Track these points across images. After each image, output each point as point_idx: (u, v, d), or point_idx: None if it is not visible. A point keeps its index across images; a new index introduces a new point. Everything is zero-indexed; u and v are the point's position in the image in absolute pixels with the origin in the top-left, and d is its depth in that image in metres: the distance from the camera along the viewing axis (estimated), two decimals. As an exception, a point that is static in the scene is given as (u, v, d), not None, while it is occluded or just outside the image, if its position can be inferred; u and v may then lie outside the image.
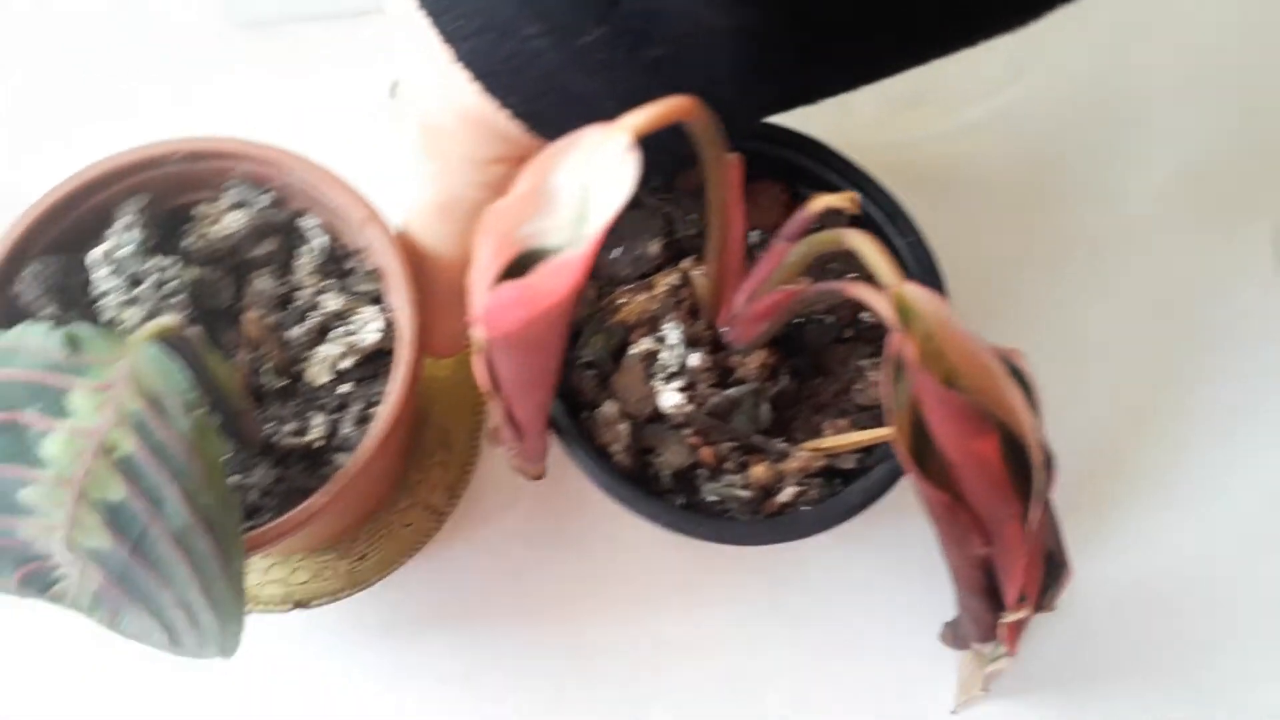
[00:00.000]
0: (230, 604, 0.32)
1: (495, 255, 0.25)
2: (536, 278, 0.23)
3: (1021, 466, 0.28)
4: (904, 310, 0.27)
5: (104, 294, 0.36)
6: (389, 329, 0.38)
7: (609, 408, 0.38)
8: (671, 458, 0.38)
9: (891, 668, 0.45)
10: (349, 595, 0.44)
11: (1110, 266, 0.52)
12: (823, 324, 0.41)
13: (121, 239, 0.36)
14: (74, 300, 0.36)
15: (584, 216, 0.23)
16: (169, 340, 0.28)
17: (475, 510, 0.47)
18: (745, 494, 0.37)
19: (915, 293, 0.27)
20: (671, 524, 0.37)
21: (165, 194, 0.38)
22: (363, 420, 0.37)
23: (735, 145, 0.30)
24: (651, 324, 0.39)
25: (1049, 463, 0.29)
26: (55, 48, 0.53)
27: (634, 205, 0.42)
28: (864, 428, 0.39)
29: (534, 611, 0.45)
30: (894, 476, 0.37)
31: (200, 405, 0.28)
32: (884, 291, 0.28)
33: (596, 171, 0.23)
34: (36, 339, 0.28)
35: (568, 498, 0.46)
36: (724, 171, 0.31)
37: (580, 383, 0.39)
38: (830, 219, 0.39)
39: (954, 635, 0.43)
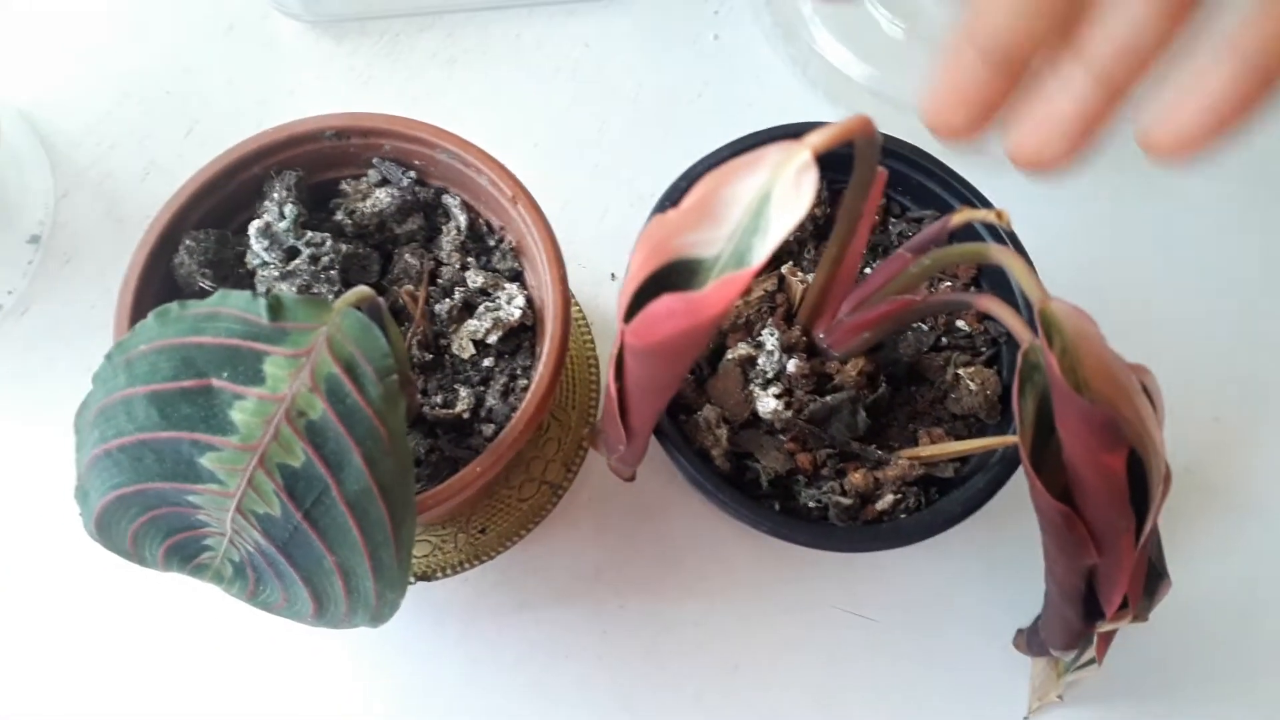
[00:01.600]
0: (394, 570, 0.32)
1: (645, 261, 0.25)
2: (709, 289, 0.23)
3: (1140, 480, 0.28)
4: (1048, 325, 0.27)
5: (259, 266, 0.37)
6: (529, 305, 0.38)
7: (708, 411, 0.39)
8: (771, 463, 0.38)
9: (964, 673, 0.45)
10: (470, 568, 0.45)
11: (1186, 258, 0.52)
12: (919, 332, 0.41)
13: (278, 213, 0.36)
14: (228, 272, 0.37)
15: (757, 229, 0.24)
16: (364, 308, 0.29)
17: (586, 487, 0.47)
18: (845, 501, 0.38)
19: (1060, 308, 0.27)
20: (772, 529, 0.37)
21: (313, 170, 0.39)
22: (506, 393, 0.38)
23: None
24: (746, 328, 0.40)
25: (1168, 476, 0.29)
26: (161, 53, 0.54)
27: None
28: (959, 436, 0.40)
29: (621, 603, 0.46)
30: (994, 487, 0.38)
31: (393, 370, 0.29)
32: (1001, 305, 0.28)
33: (777, 188, 0.23)
34: (239, 305, 0.28)
35: (657, 492, 0.47)
36: (871, 185, 0.32)
37: (679, 387, 0.40)
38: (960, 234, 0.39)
39: (1030, 642, 0.43)
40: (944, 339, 0.41)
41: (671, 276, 0.25)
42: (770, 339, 0.38)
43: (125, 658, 0.44)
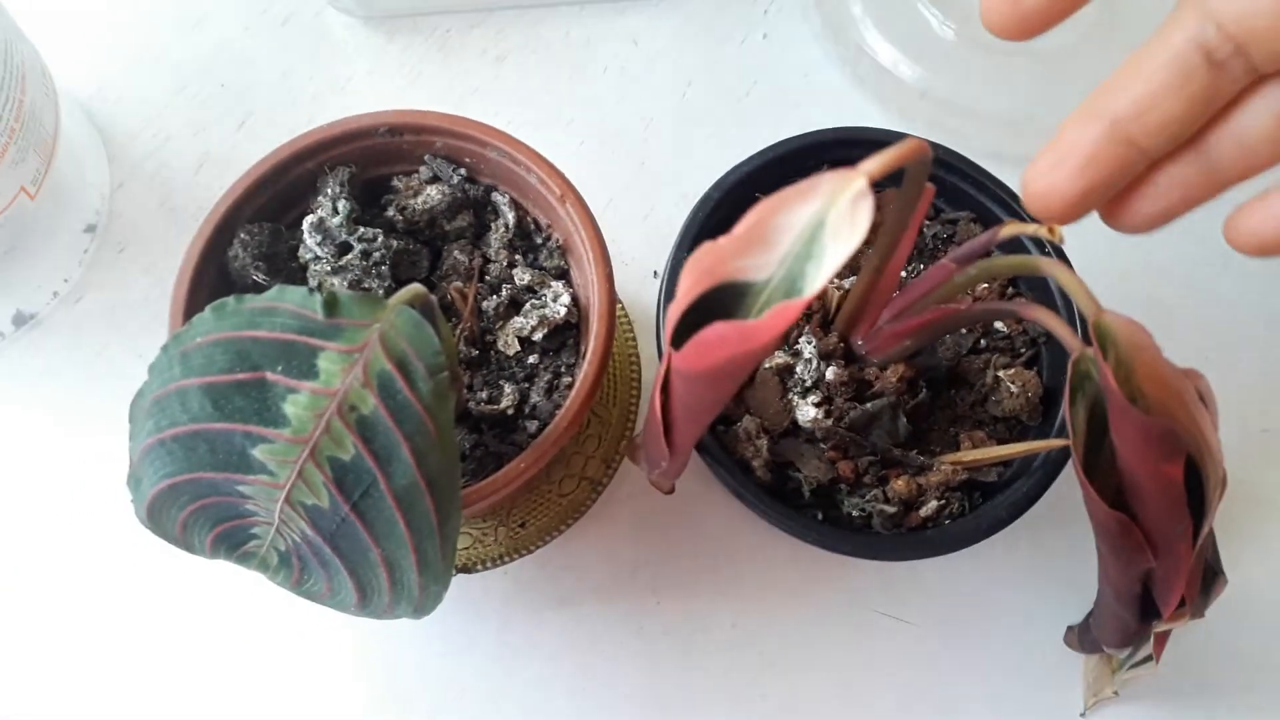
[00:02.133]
0: (438, 563, 0.33)
1: (694, 285, 0.25)
2: (764, 319, 0.23)
3: (1197, 484, 0.28)
4: (1102, 337, 0.27)
5: (311, 260, 0.37)
6: (574, 303, 0.39)
7: (748, 422, 0.38)
8: (812, 472, 0.38)
9: (1007, 678, 0.45)
10: (510, 561, 0.45)
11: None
12: (958, 335, 0.41)
13: (331, 208, 0.37)
14: (281, 266, 0.38)
15: (810, 256, 0.23)
16: (417, 306, 0.29)
17: (625, 484, 0.48)
18: (889, 509, 0.37)
19: (1114, 320, 0.27)
20: (817, 540, 0.37)
21: (366, 165, 0.39)
22: (550, 390, 0.38)
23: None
24: (783, 336, 0.39)
25: (1224, 481, 0.29)
26: (217, 47, 0.55)
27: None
28: (1001, 439, 0.39)
29: (658, 600, 0.46)
30: (1038, 491, 0.37)
31: (444, 368, 0.29)
32: (1051, 315, 0.28)
33: (831, 214, 0.23)
34: (295, 301, 0.29)
35: (695, 491, 0.47)
36: (919, 199, 0.31)
37: None
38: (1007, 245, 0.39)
39: (1081, 639, 0.43)
40: (983, 341, 0.41)
41: (720, 299, 0.25)
42: (808, 347, 0.38)
43: (166, 642, 0.45)
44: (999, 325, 0.41)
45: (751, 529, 0.46)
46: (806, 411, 0.38)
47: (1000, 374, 0.39)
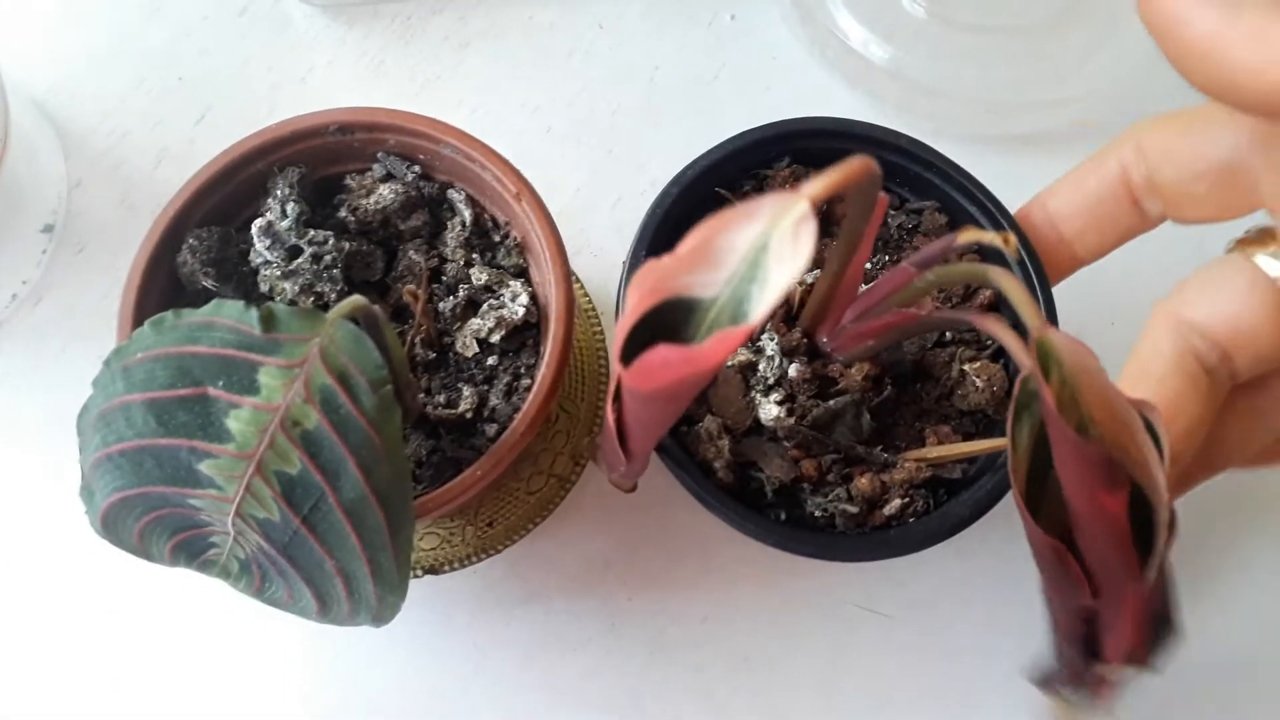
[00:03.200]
0: (393, 575, 0.32)
1: (640, 302, 0.24)
2: (707, 345, 0.23)
3: (1144, 523, 0.27)
4: (1044, 356, 0.26)
5: (262, 265, 0.36)
6: (533, 303, 0.38)
7: (709, 423, 0.38)
8: (775, 472, 0.37)
9: (985, 664, 0.45)
10: (478, 561, 0.45)
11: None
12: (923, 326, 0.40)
13: (280, 212, 0.36)
14: (231, 271, 0.37)
15: (754, 279, 0.23)
16: (358, 317, 0.29)
17: (594, 480, 0.47)
18: (851, 509, 0.37)
19: (1058, 339, 0.26)
20: (777, 542, 0.37)
21: (317, 166, 0.38)
22: (509, 392, 0.38)
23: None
24: (756, 349, 0.39)
25: (1173, 522, 0.27)
26: (174, 39, 0.54)
27: (720, 203, 0.42)
28: (968, 434, 0.39)
29: (629, 595, 0.46)
30: (1002, 488, 0.37)
31: (387, 382, 0.28)
32: (1004, 330, 0.27)
33: (773, 237, 0.23)
34: (232, 316, 0.28)
35: (665, 485, 0.46)
36: (871, 212, 0.31)
37: None
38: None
39: (1040, 676, 0.42)
40: (948, 334, 0.40)
41: (667, 315, 0.24)
42: (770, 344, 0.38)
43: (131, 647, 0.44)
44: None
45: (721, 523, 0.46)
46: (769, 410, 0.37)
47: (966, 367, 0.38)
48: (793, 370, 0.37)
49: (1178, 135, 0.34)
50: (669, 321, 0.25)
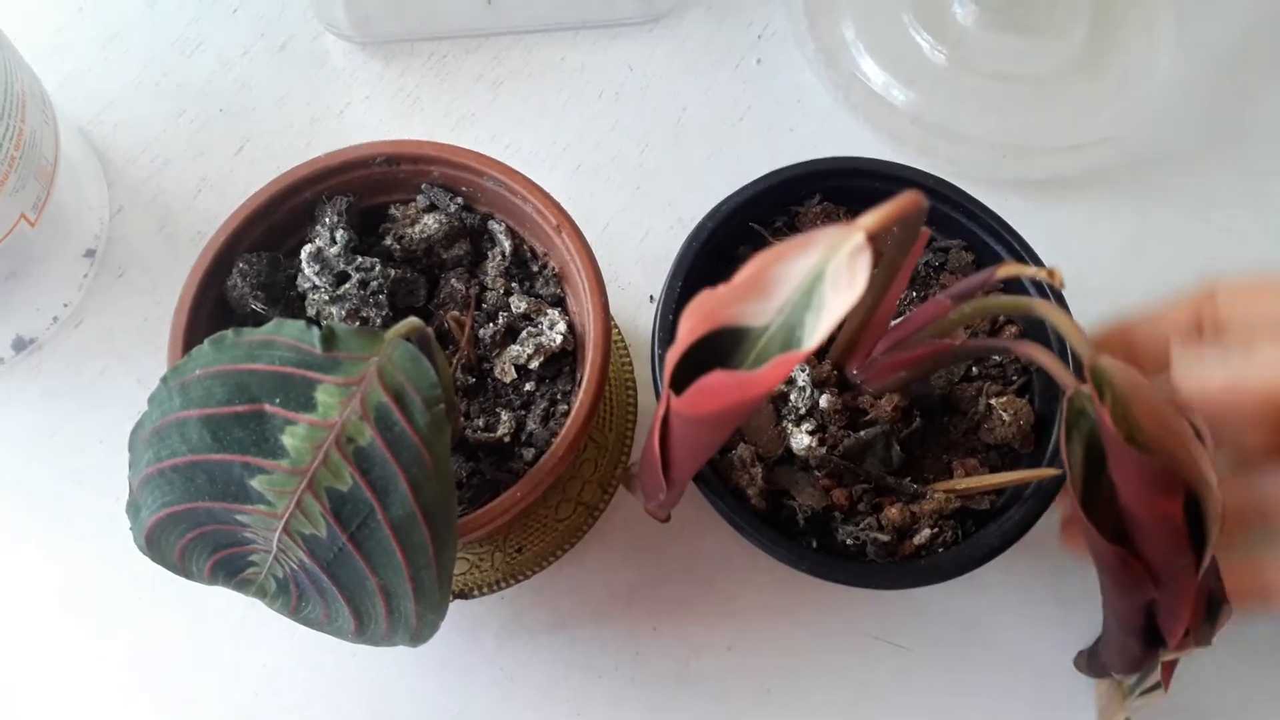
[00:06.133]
0: (435, 593, 0.33)
1: (693, 329, 0.25)
2: (764, 370, 0.24)
3: (1197, 517, 0.29)
4: (1099, 380, 0.28)
5: (309, 289, 0.38)
6: (570, 331, 0.39)
7: (742, 450, 0.39)
8: (806, 500, 0.38)
9: (1009, 699, 0.45)
10: (507, 587, 0.45)
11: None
12: (951, 359, 0.41)
13: (329, 238, 0.37)
14: (279, 295, 0.38)
15: (809, 306, 0.24)
16: (414, 338, 0.30)
17: (622, 509, 0.48)
18: (883, 537, 0.38)
19: (1111, 364, 0.28)
20: (811, 569, 0.38)
21: (363, 195, 0.39)
22: (546, 418, 0.38)
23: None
24: (788, 380, 0.40)
25: (1223, 513, 0.29)
26: (215, 72, 0.56)
27: (759, 246, 0.43)
28: (993, 466, 0.40)
29: (654, 625, 0.46)
30: (1030, 519, 0.38)
31: (440, 400, 0.29)
32: (1045, 353, 0.28)
33: (830, 267, 0.24)
34: (293, 334, 0.29)
35: (691, 515, 0.47)
36: (914, 244, 0.32)
37: None
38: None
39: (1090, 663, 0.43)
40: (975, 368, 0.41)
41: (717, 343, 0.25)
42: (801, 375, 0.39)
43: (160, 665, 0.45)
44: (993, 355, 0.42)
45: (747, 553, 0.46)
46: (801, 439, 0.38)
47: (993, 402, 0.39)
48: (823, 401, 0.38)
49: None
50: (716, 350, 0.26)
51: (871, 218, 0.23)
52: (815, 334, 0.23)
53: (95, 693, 0.44)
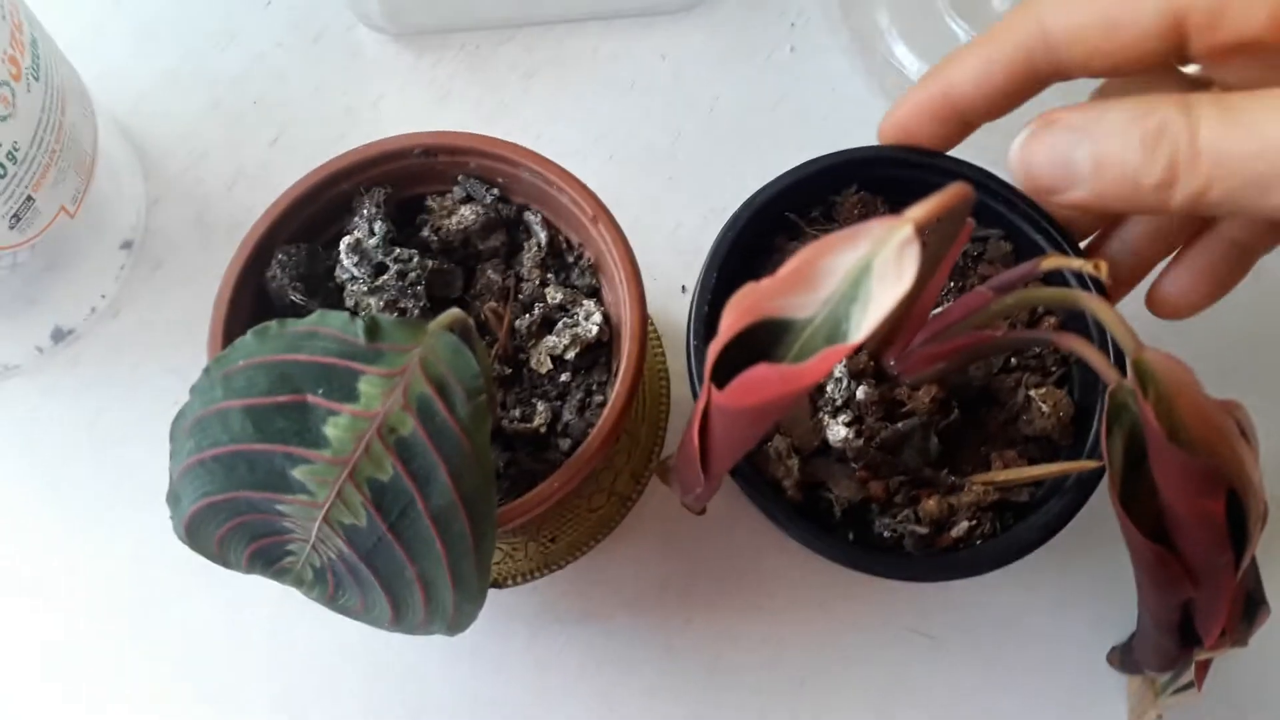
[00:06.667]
0: (474, 583, 0.33)
1: (735, 322, 0.25)
2: (809, 364, 0.23)
3: (1238, 514, 0.29)
4: (1143, 375, 0.27)
5: (348, 280, 0.38)
6: (606, 322, 0.39)
7: (778, 442, 0.38)
8: (843, 492, 0.38)
9: (1044, 695, 0.45)
10: (540, 577, 0.46)
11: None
12: (989, 350, 0.41)
13: (368, 230, 0.38)
14: (317, 286, 0.38)
15: (856, 299, 0.24)
16: (456, 329, 0.30)
17: (654, 499, 0.48)
18: (920, 529, 0.37)
19: (1154, 358, 0.27)
20: (848, 560, 0.37)
21: (400, 186, 0.40)
22: (582, 408, 0.39)
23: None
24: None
25: (1265, 514, 0.29)
26: (250, 64, 0.56)
27: (795, 236, 0.43)
28: (1032, 458, 0.39)
29: (687, 617, 0.46)
30: (1071, 511, 0.37)
31: (482, 391, 0.29)
32: (1088, 347, 0.28)
33: (877, 259, 0.24)
34: (336, 325, 0.29)
35: (724, 507, 0.47)
36: (958, 235, 0.32)
37: None
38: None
39: (1124, 660, 0.43)
40: (1013, 360, 0.41)
41: (758, 337, 0.25)
42: (838, 366, 0.38)
43: (196, 651, 0.45)
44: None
45: (781, 546, 0.46)
46: (837, 431, 0.38)
47: (1031, 393, 0.39)
48: (860, 393, 0.38)
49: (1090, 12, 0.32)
50: (756, 344, 0.26)
51: (920, 210, 0.23)
52: (862, 327, 0.23)
53: (134, 681, 0.45)
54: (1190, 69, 0.34)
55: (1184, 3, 0.29)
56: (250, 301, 0.38)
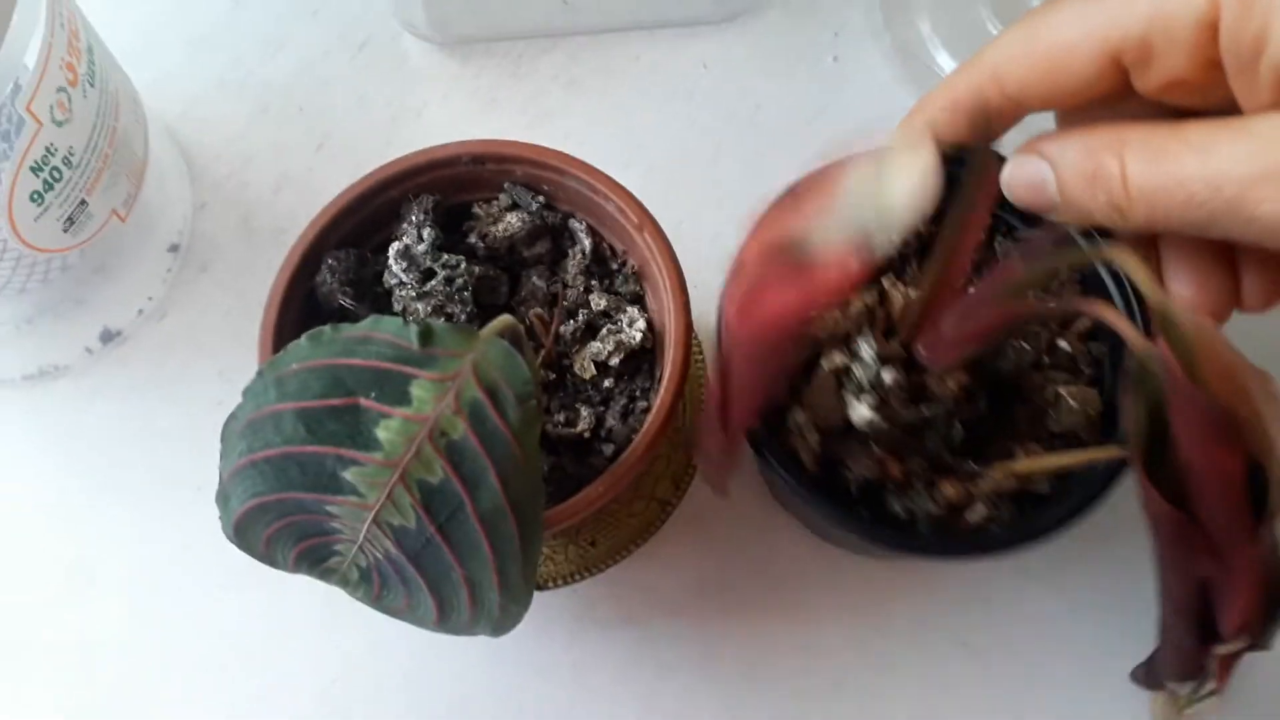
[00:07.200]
0: (520, 585, 0.34)
1: (752, 241, 0.25)
2: (820, 265, 0.23)
3: (1260, 487, 0.28)
4: (1165, 322, 0.27)
5: (396, 286, 0.38)
6: (649, 328, 0.39)
7: (798, 415, 0.38)
8: (860, 470, 0.38)
9: (1071, 706, 0.45)
10: (579, 580, 0.46)
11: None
12: (1020, 350, 0.40)
13: (417, 235, 0.38)
14: (365, 291, 0.39)
15: (871, 206, 0.24)
16: (507, 336, 0.30)
17: (693, 505, 0.48)
18: (934, 509, 0.37)
19: (1179, 307, 0.27)
20: (860, 532, 0.37)
21: (448, 193, 0.40)
22: (626, 414, 0.39)
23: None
24: (844, 341, 0.39)
25: None
26: (296, 71, 0.57)
27: None
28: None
29: (725, 621, 0.47)
30: (1090, 500, 0.37)
31: (533, 396, 0.30)
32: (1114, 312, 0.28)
33: (890, 166, 0.24)
34: (390, 331, 0.30)
35: (761, 513, 0.48)
36: (983, 187, 0.31)
37: (777, 391, 0.39)
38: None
39: (1147, 675, 0.42)
40: (1045, 359, 0.41)
41: (778, 256, 0.25)
42: (866, 349, 0.38)
43: (235, 648, 0.46)
44: (1063, 344, 0.41)
45: (820, 552, 0.46)
46: (861, 411, 0.37)
47: (1061, 390, 0.39)
48: (887, 376, 0.38)
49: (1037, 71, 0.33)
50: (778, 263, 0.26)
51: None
52: (880, 232, 0.23)
53: (181, 680, 0.46)
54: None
55: (1116, 45, 0.30)
56: (300, 305, 0.38)
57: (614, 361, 0.39)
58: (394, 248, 0.38)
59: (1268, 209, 0.27)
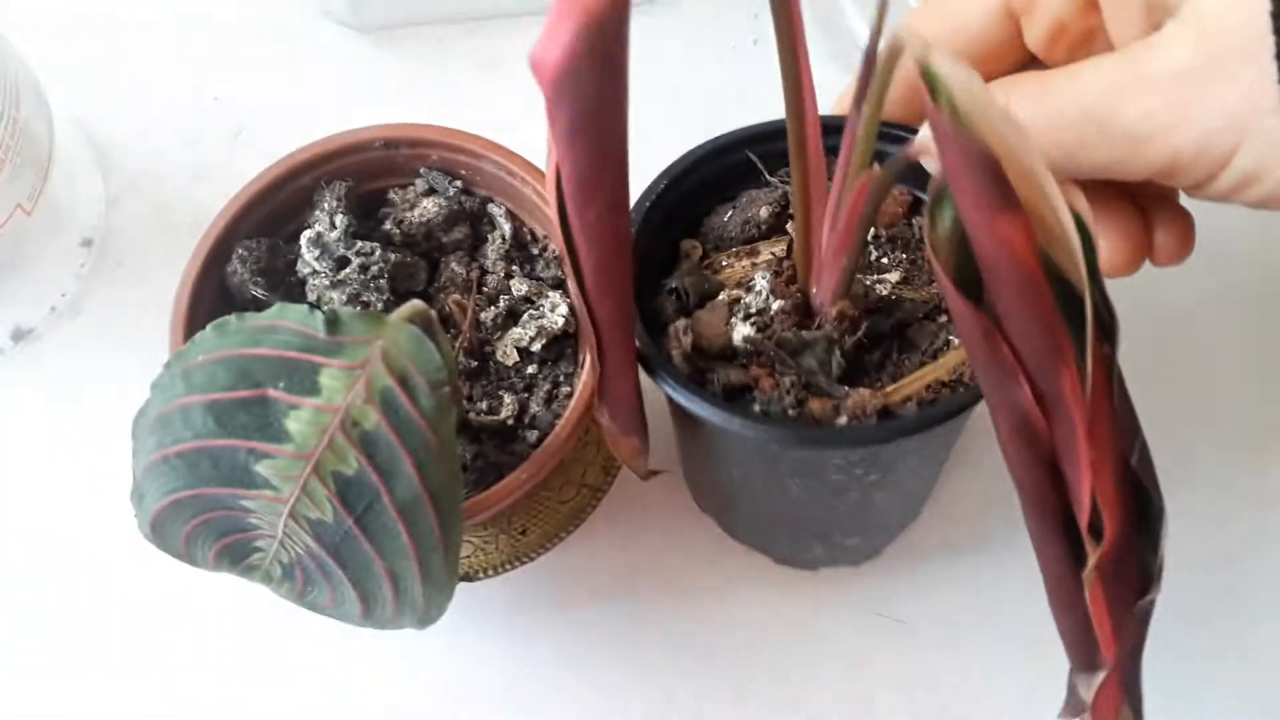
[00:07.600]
0: (442, 575, 0.33)
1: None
2: None
3: (1074, 310, 0.24)
4: (933, 85, 0.22)
5: (309, 274, 0.38)
6: (571, 313, 0.39)
7: (680, 323, 0.37)
8: (727, 375, 0.37)
9: (1000, 685, 0.45)
10: (511, 569, 0.45)
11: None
12: (915, 303, 0.40)
13: (329, 223, 0.37)
14: (279, 281, 0.38)
15: None
16: (418, 322, 0.30)
17: (624, 491, 0.48)
18: (792, 413, 0.36)
19: (948, 66, 0.22)
20: (713, 408, 0.35)
21: (362, 179, 0.39)
22: (549, 400, 0.39)
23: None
24: (747, 288, 0.39)
25: (1108, 310, 0.25)
26: (210, 59, 0.55)
27: (758, 184, 0.42)
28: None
29: (659, 604, 0.46)
30: (953, 412, 0.36)
31: (446, 383, 0.29)
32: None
33: None
34: (296, 319, 0.29)
35: (690, 499, 0.48)
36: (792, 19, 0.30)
37: (662, 305, 0.39)
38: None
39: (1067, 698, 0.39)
40: (942, 317, 0.41)
41: None
42: (762, 281, 0.38)
43: (168, 654, 0.45)
44: None
45: (750, 536, 0.47)
46: (742, 330, 0.37)
47: (952, 338, 0.39)
48: (775, 305, 0.37)
49: None
50: None
51: None
52: None
53: (88, 686, 0.45)
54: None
55: None
56: (212, 297, 0.38)
57: (536, 347, 0.38)
58: (306, 236, 0.37)
59: (1130, 113, 0.28)
